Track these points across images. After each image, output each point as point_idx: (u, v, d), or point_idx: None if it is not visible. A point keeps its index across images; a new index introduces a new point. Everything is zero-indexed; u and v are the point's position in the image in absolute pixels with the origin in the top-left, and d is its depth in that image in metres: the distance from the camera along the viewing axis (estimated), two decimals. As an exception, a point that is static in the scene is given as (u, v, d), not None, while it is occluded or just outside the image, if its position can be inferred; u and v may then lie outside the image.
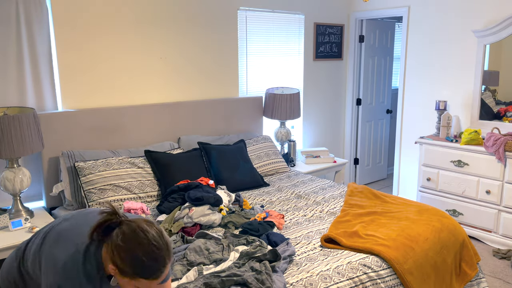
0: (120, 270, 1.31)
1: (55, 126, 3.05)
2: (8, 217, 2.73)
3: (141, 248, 1.29)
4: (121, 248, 1.30)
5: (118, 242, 1.30)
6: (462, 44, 4.17)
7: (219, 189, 3.00)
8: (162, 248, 1.32)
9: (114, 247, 1.31)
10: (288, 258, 2.14)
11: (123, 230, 1.32)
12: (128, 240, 1.30)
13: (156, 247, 1.31)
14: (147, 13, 3.48)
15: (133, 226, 1.32)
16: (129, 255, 1.29)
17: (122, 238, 1.31)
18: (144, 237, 1.31)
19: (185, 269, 1.97)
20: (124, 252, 1.30)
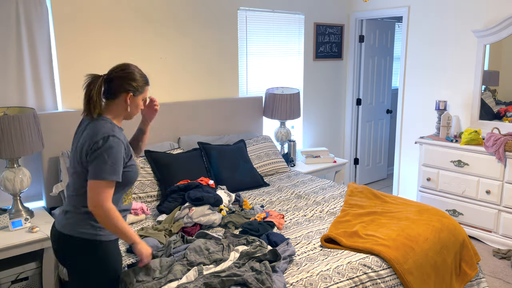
0: (135, 90, 1.85)
1: (55, 126, 3.05)
2: (8, 217, 2.73)
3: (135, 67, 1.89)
4: (130, 74, 1.84)
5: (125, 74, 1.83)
6: (462, 44, 4.17)
7: (219, 189, 3.00)
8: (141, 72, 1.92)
9: (125, 79, 1.82)
10: (288, 258, 2.14)
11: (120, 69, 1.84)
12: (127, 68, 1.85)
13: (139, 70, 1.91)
14: (147, 13, 3.48)
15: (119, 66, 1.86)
16: (137, 74, 1.86)
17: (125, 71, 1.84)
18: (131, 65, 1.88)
19: (185, 269, 1.97)
20: (133, 74, 1.85)
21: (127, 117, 1.91)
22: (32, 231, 2.64)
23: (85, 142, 1.75)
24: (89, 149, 1.73)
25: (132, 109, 1.88)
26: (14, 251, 2.54)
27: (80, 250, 1.78)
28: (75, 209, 1.80)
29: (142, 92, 1.88)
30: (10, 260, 2.72)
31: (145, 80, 1.89)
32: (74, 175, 1.80)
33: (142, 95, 1.89)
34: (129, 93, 1.83)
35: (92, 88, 1.78)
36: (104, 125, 1.77)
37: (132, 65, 1.88)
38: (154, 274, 1.91)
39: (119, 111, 1.86)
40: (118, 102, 1.84)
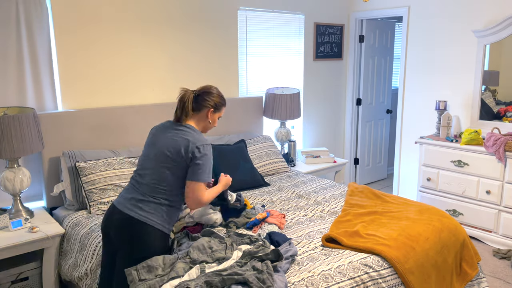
0: (216, 107, 2.22)
1: (55, 126, 3.05)
2: (8, 217, 2.72)
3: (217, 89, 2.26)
4: (213, 94, 2.22)
5: (209, 92, 2.21)
6: (462, 44, 4.17)
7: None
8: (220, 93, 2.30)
9: (209, 97, 2.20)
10: (290, 258, 2.14)
11: (206, 88, 2.22)
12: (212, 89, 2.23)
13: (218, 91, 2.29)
14: (147, 14, 3.48)
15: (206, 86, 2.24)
16: (219, 94, 2.25)
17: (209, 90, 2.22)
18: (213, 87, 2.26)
19: (188, 266, 1.97)
20: (217, 94, 2.24)
21: (203, 130, 2.25)
22: (32, 231, 2.64)
23: (183, 144, 2.06)
24: (192, 150, 2.04)
25: (211, 123, 2.25)
26: (14, 251, 2.53)
27: (144, 234, 2.01)
28: (154, 199, 2.05)
29: (220, 110, 2.26)
30: (10, 260, 2.71)
31: (223, 100, 2.26)
32: (162, 169, 2.06)
33: (219, 113, 2.27)
34: (211, 109, 2.20)
35: (185, 100, 2.15)
36: (199, 133, 2.13)
37: (214, 87, 2.25)
38: (156, 271, 1.91)
39: (199, 123, 2.22)
40: (201, 115, 2.20)
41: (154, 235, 2.03)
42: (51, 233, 2.66)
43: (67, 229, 2.76)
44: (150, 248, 2.02)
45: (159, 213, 2.05)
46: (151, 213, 2.03)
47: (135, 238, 2.01)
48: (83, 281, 2.47)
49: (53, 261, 2.71)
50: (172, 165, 2.06)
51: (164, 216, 2.06)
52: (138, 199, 2.06)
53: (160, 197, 2.06)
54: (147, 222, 2.01)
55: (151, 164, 2.10)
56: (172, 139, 2.09)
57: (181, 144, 2.06)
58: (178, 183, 2.08)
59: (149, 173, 2.09)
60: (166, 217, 2.07)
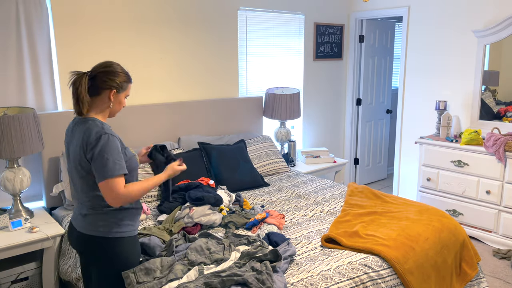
0: (119, 87, 1.87)
1: (55, 126, 3.05)
2: (8, 217, 2.73)
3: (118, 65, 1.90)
4: (113, 71, 1.86)
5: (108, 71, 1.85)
6: (462, 44, 4.17)
7: (220, 189, 3.00)
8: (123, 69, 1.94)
9: (109, 76, 1.84)
10: (289, 258, 2.14)
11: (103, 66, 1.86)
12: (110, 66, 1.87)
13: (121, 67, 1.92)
14: (147, 13, 3.48)
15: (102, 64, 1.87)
16: (121, 71, 1.88)
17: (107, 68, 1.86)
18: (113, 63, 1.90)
19: (186, 268, 1.97)
20: (118, 71, 1.87)
21: (110, 115, 1.94)
22: (32, 231, 2.64)
23: (79, 146, 1.79)
24: (86, 150, 1.76)
25: (115, 105, 1.91)
26: (14, 251, 2.54)
27: (105, 248, 1.84)
28: (94, 211, 1.84)
29: (125, 89, 1.92)
30: (10, 260, 2.72)
31: (127, 77, 1.91)
32: (80, 180, 1.84)
33: (125, 92, 1.92)
34: (113, 90, 1.86)
35: (78, 85, 1.80)
36: (93, 124, 1.80)
37: (115, 62, 1.90)
38: (154, 274, 1.91)
39: (103, 108, 1.88)
40: (101, 98, 1.86)
41: (114, 246, 1.85)
42: (51, 233, 2.66)
43: (66, 229, 2.76)
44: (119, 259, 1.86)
45: (108, 222, 1.83)
46: (100, 224, 1.83)
47: (98, 254, 1.85)
48: (81, 282, 2.47)
49: (53, 261, 2.71)
50: (85, 173, 1.81)
51: (117, 221, 1.85)
52: (83, 214, 1.86)
53: (97, 206, 1.84)
54: (101, 235, 1.82)
55: (73, 177, 1.88)
56: (71, 145, 1.86)
57: (77, 145, 1.80)
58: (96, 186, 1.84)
59: (77, 186, 1.87)
60: (119, 221, 1.85)
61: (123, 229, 1.86)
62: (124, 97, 1.93)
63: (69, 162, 1.89)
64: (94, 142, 1.75)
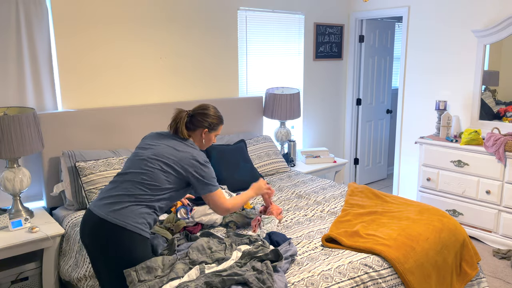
0: (210, 127, 2.25)
1: (55, 126, 3.05)
2: (8, 217, 2.72)
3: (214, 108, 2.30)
4: (208, 114, 2.25)
5: (203, 112, 2.25)
6: (462, 44, 4.17)
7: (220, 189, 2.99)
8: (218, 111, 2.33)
9: (205, 117, 2.24)
10: (290, 258, 2.14)
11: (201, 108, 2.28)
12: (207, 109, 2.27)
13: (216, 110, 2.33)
14: (147, 13, 3.48)
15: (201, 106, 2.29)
16: (215, 115, 2.27)
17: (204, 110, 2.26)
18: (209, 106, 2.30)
19: (187, 267, 1.97)
20: (213, 114, 2.26)
21: (200, 148, 2.27)
22: (32, 231, 2.63)
23: (185, 156, 2.08)
24: (193, 164, 2.08)
25: (206, 142, 2.28)
26: (14, 251, 2.53)
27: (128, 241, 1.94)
28: (135, 204, 1.98)
29: (216, 130, 2.28)
30: (10, 260, 2.71)
31: (219, 120, 2.28)
32: (160, 174, 2.03)
33: (216, 132, 2.29)
34: (205, 129, 2.23)
35: (178, 120, 2.19)
36: (198, 149, 2.16)
37: (211, 106, 2.28)
38: (156, 272, 1.91)
39: (196, 142, 2.26)
40: (196, 134, 2.24)
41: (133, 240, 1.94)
42: (51, 233, 2.66)
43: (66, 229, 2.76)
44: (131, 254, 1.94)
45: (140, 218, 1.97)
46: (131, 217, 1.95)
47: (111, 243, 1.93)
48: (83, 282, 2.47)
49: (53, 261, 2.71)
50: (169, 171, 2.04)
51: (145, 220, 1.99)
52: (116, 202, 1.97)
53: (142, 199, 1.99)
54: (125, 226, 1.93)
55: (143, 165, 2.04)
56: (174, 148, 2.11)
57: (183, 156, 2.08)
58: (167, 190, 2.05)
59: (137, 172, 2.02)
60: (145, 221, 1.99)
61: (146, 229, 2.01)
62: (214, 136, 2.29)
63: (149, 151, 2.09)
64: (203, 163, 2.11)
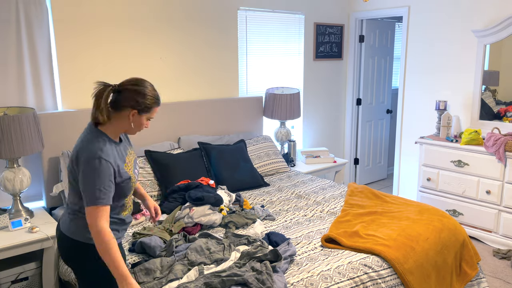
0: (141, 109, 1.74)
1: (55, 126, 3.05)
2: (8, 217, 2.72)
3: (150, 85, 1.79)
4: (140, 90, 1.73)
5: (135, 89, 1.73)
6: (462, 44, 4.17)
7: (220, 189, 3.00)
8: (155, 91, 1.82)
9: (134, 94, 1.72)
10: (289, 258, 2.14)
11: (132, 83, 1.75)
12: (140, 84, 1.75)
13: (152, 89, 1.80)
14: (147, 14, 3.48)
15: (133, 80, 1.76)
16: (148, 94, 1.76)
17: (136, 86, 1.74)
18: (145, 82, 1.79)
19: (186, 268, 1.97)
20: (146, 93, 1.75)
21: (128, 133, 1.83)
22: (32, 231, 2.64)
23: (74, 153, 1.71)
24: (77, 164, 1.68)
25: (135, 127, 1.78)
26: (14, 251, 2.53)
27: (86, 253, 1.76)
28: (80, 214, 1.76)
29: (149, 112, 1.78)
30: (10, 260, 2.72)
31: (155, 100, 1.78)
32: (71, 184, 1.77)
33: (148, 114, 1.79)
34: (134, 110, 1.73)
35: (99, 97, 1.71)
36: (94, 141, 1.70)
37: (147, 82, 1.78)
38: (154, 274, 1.91)
39: (121, 125, 1.77)
40: (121, 115, 1.75)
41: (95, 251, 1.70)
42: (51, 233, 2.66)
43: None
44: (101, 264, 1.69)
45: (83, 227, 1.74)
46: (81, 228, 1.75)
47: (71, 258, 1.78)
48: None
49: (53, 261, 2.71)
50: (72, 179, 1.74)
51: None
52: (69, 213, 1.79)
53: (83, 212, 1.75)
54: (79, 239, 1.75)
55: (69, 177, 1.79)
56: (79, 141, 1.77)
57: (73, 152, 1.73)
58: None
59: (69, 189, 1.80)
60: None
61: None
62: (146, 119, 1.79)
63: None
64: (83, 164, 1.64)
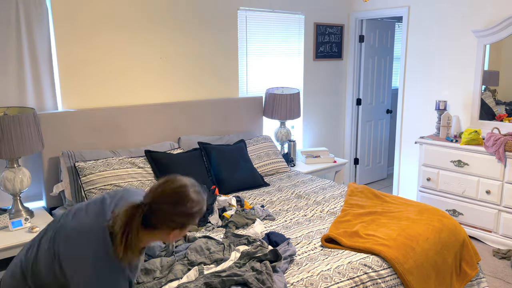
0: (184, 227, 1.40)
1: (55, 126, 3.05)
2: (8, 217, 2.73)
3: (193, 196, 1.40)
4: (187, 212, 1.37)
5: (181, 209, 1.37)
6: (462, 44, 4.17)
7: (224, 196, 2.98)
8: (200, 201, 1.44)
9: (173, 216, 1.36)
10: (289, 258, 2.14)
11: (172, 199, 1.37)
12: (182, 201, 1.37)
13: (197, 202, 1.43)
14: (147, 14, 3.48)
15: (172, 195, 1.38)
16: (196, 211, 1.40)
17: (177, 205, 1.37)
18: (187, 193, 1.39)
19: (186, 268, 1.97)
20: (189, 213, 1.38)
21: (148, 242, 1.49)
22: (32, 231, 2.64)
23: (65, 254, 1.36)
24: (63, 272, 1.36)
25: (172, 240, 1.47)
26: (14, 251, 2.54)
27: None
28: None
29: (188, 227, 1.45)
30: (10, 260, 2.72)
31: (200, 211, 1.45)
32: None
33: (186, 230, 1.46)
34: (175, 230, 1.41)
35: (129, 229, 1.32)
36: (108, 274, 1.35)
37: (190, 191, 1.41)
38: (154, 274, 1.91)
39: (153, 239, 1.44)
40: (157, 233, 1.40)
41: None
42: (51, 233, 2.66)
43: None
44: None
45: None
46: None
47: None
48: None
49: (53, 261, 2.71)
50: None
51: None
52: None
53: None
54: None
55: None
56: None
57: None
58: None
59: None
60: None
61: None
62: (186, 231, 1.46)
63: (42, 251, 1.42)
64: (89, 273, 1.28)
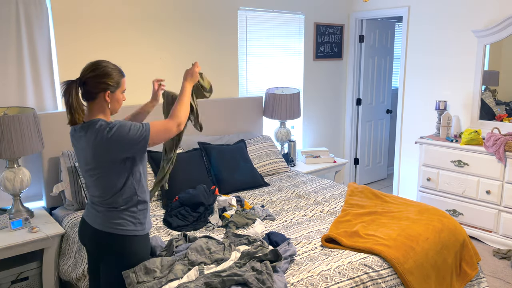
0: (112, 87, 1.84)
1: (55, 126, 3.05)
2: (8, 217, 2.73)
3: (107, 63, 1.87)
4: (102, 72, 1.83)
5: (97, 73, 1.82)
6: (462, 44, 4.17)
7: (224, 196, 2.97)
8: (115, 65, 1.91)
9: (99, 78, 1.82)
10: (289, 258, 2.14)
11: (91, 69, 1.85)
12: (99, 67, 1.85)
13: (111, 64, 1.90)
14: (147, 14, 3.48)
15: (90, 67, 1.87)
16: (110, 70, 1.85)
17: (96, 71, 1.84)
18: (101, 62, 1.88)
19: (186, 268, 1.97)
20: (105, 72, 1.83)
21: (111, 113, 1.92)
22: (32, 231, 2.64)
23: (93, 147, 1.76)
24: (103, 141, 1.74)
25: (114, 105, 1.89)
26: (14, 251, 2.54)
27: (121, 246, 1.86)
28: (112, 209, 1.85)
29: (120, 86, 1.88)
30: (10, 260, 2.72)
31: (119, 73, 1.88)
32: (98, 181, 1.83)
33: (120, 88, 1.89)
34: (107, 91, 1.83)
35: (69, 95, 1.80)
36: (101, 123, 1.78)
37: (102, 61, 1.87)
38: (154, 274, 1.91)
39: (103, 109, 1.86)
40: (99, 101, 1.84)
41: (131, 244, 1.87)
42: (51, 233, 2.66)
43: (66, 229, 2.76)
44: (134, 257, 1.89)
45: (125, 220, 1.86)
46: (117, 222, 1.85)
47: (110, 251, 1.87)
48: (81, 282, 2.47)
49: (53, 261, 2.71)
50: (107, 168, 1.80)
51: (132, 220, 1.87)
52: (100, 211, 1.87)
53: (116, 205, 1.85)
54: (119, 232, 1.85)
55: (87, 179, 1.88)
56: (84, 148, 1.81)
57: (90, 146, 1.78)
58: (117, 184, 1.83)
59: (92, 187, 1.88)
60: (135, 220, 1.88)
61: (138, 228, 1.89)
62: (121, 93, 1.89)
63: (81, 166, 1.88)
64: (107, 129, 1.73)
